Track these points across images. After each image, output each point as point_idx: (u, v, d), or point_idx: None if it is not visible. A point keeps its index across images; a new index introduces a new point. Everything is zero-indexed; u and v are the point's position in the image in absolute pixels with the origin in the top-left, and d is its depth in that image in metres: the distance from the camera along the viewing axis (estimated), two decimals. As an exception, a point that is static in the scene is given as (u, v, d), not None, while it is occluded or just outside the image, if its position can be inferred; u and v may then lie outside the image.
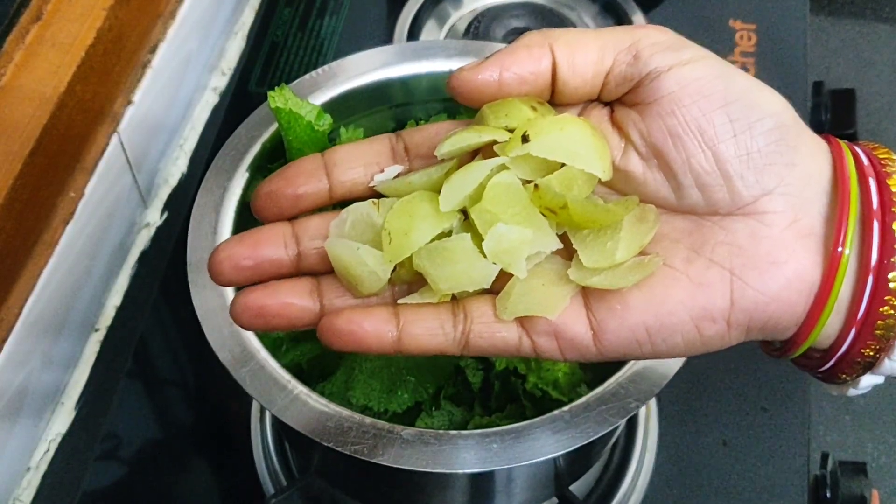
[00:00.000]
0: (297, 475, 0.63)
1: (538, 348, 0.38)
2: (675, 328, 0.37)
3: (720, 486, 0.65)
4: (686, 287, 0.36)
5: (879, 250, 0.35)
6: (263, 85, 0.84)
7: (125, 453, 0.67)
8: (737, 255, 0.36)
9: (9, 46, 0.64)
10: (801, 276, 0.36)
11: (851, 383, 0.39)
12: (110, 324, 0.73)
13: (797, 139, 0.37)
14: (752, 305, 0.36)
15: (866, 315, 0.36)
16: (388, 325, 0.37)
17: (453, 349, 0.38)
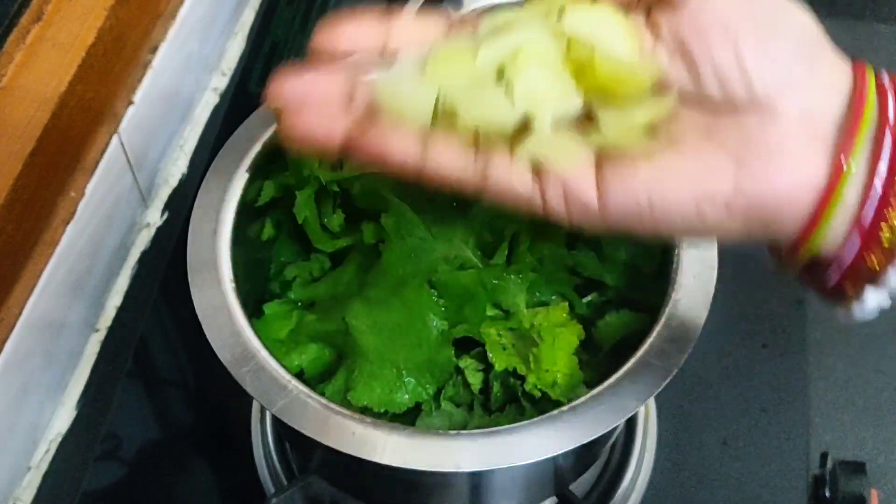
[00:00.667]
0: (297, 475, 0.64)
1: (547, 202, 0.39)
2: (676, 203, 0.37)
3: (719, 486, 0.65)
4: (693, 166, 0.37)
5: (891, 159, 0.36)
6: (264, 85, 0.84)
7: (125, 453, 0.67)
8: (745, 145, 0.37)
9: (9, 46, 0.64)
10: (805, 174, 0.37)
11: (857, 302, 0.39)
12: (110, 324, 0.73)
13: (820, 51, 0.38)
14: (753, 194, 0.37)
15: (872, 222, 0.36)
16: (415, 146, 0.38)
17: (470, 184, 0.39)
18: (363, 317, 0.52)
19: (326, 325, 0.54)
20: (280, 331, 0.54)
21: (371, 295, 0.53)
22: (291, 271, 0.58)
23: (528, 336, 0.53)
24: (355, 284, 0.55)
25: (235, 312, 0.49)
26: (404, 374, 0.51)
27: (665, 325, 0.48)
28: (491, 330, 0.53)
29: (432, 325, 0.52)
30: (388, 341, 0.52)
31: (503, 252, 0.54)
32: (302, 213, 0.55)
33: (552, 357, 0.51)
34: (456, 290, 0.52)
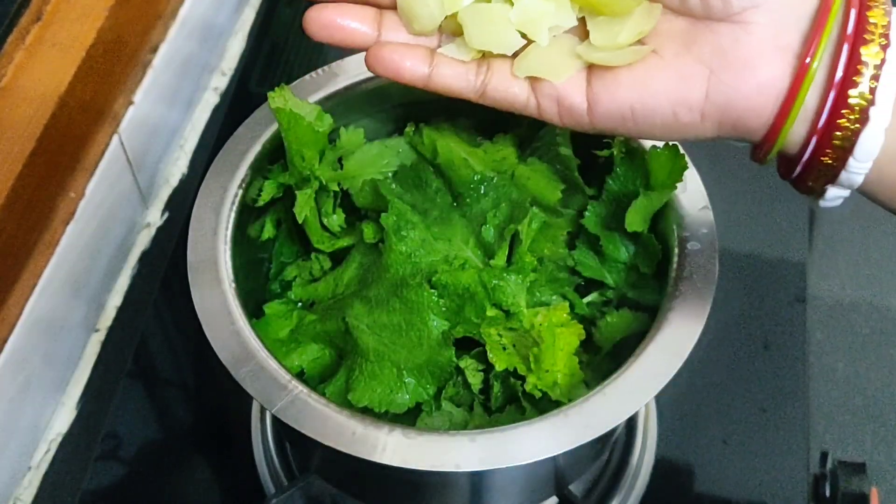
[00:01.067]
0: (297, 475, 0.64)
1: (541, 108, 0.44)
2: (655, 109, 0.42)
3: (720, 486, 0.65)
4: (670, 76, 0.42)
5: (845, 69, 0.40)
6: (264, 85, 0.84)
7: (126, 453, 0.67)
8: (718, 55, 0.41)
9: (9, 47, 0.64)
10: (772, 82, 0.41)
11: (821, 194, 0.43)
12: (111, 324, 0.73)
13: None
14: (723, 101, 0.41)
15: (826, 125, 0.40)
16: (424, 62, 0.44)
17: (472, 94, 0.45)
18: (363, 317, 0.52)
19: (327, 325, 0.54)
20: (280, 331, 0.54)
21: (371, 295, 0.53)
22: (291, 271, 0.58)
23: (529, 336, 0.53)
24: (355, 284, 0.55)
25: (235, 312, 0.49)
26: (405, 375, 0.51)
27: (665, 325, 0.48)
28: (491, 330, 0.53)
29: (433, 326, 0.52)
30: (388, 341, 0.52)
31: (504, 252, 0.54)
32: (302, 213, 0.55)
33: (552, 357, 0.51)
34: (456, 290, 0.52)
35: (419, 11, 0.44)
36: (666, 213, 0.52)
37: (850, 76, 0.40)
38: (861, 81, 0.40)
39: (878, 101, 0.40)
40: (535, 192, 0.55)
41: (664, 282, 0.50)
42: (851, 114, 0.40)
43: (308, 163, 0.53)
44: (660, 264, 0.52)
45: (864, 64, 0.40)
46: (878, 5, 0.41)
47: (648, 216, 0.53)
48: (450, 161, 0.56)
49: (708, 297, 0.49)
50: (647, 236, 0.53)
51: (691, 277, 0.50)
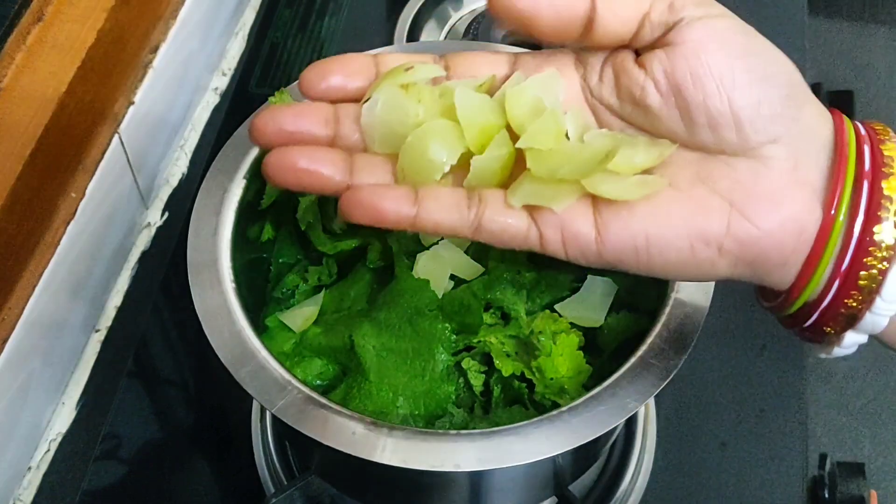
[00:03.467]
0: (297, 474, 0.64)
1: (544, 239, 0.40)
2: (672, 242, 0.39)
3: (718, 487, 0.65)
4: (688, 207, 0.39)
5: (867, 206, 0.38)
6: (264, 85, 0.84)
7: (126, 453, 0.67)
8: (738, 189, 0.39)
9: (10, 48, 0.64)
10: (795, 218, 0.39)
11: (836, 341, 0.41)
12: (111, 324, 0.73)
13: (804, 98, 0.40)
14: (745, 236, 0.39)
15: (851, 266, 0.38)
16: (407, 202, 0.40)
17: (466, 231, 0.40)
18: (371, 337, 0.52)
19: (332, 340, 0.54)
20: (284, 343, 0.54)
21: (382, 317, 0.53)
22: (293, 279, 0.58)
23: (530, 343, 0.53)
24: (363, 301, 0.55)
25: (236, 312, 0.49)
26: (399, 399, 0.51)
27: (665, 326, 0.48)
28: (492, 338, 0.53)
29: (439, 359, 0.52)
30: (391, 366, 0.52)
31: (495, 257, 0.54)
32: (305, 220, 0.55)
33: (554, 366, 0.51)
34: (453, 306, 0.53)
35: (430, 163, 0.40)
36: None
37: (874, 212, 0.38)
38: (886, 217, 0.38)
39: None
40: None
41: (663, 286, 0.50)
42: (878, 251, 0.38)
43: None
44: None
45: (886, 198, 0.38)
46: (889, 139, 0.40)
47: None
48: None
49: (706, 298, 0.49)
50: None
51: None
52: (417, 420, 0.52)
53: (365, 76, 0.43)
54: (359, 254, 0.57)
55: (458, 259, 0.54)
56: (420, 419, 0.52)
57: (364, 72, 0.43)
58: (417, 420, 0.52)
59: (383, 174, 0.41)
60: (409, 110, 0.41)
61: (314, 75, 0.42)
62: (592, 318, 0.54)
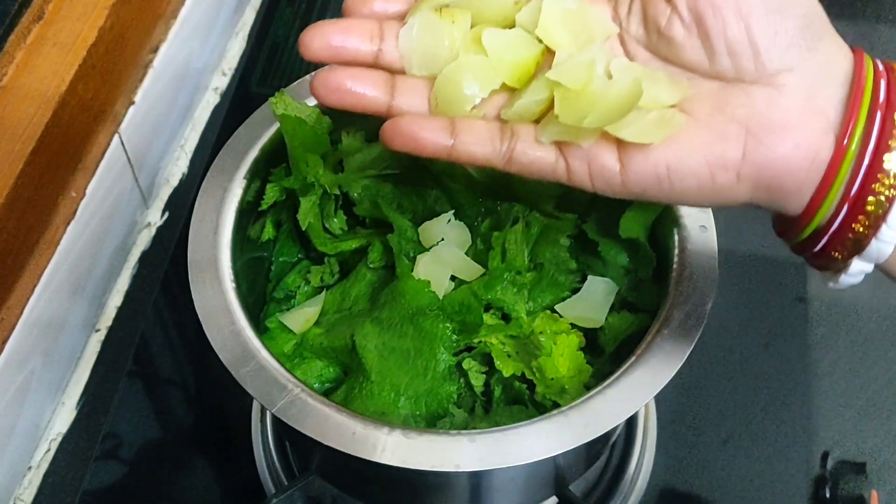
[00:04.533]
0: (297, 474, 0.64)
1: (571, 171, 0.42)
2: (692, 170, 0.40)
3: (720, 486, 0.65)
4: (706, 136, 0.40)
5: (878, 135, 0.39)
6: (264, 85, 0.84)
7: (126, 453, 0.67)
8: (754, 116, 0.40)
9: (10, 46, 0.64)
10: (808, 144, 0.40)
11: (844, 268, 0.42)
12: (111, 324, 0.73)
13: (823, 31, 0.41)
14: (761, 161, 0.40)
15: (859, 191, 0.39)
16: (444, 132, 0.42)
17: (498, 162, 0.42)
18: (372, 337, 0.52)
19: (333, 340, 0.54)
20: (285, 345, 0.54)
21: (384, 317, 0.53)
22: (294, 280, 0.58)
23: (530, 343, 0.53)
24: (365, 301, 0.55)
25: (236, 312, 0.49)
26: (401, 399, 0.51)
27: (665, 326, 0.48)
28: (493, 339, 0.53)
29: (441, 358, 0.52)
30: (393, 366, 0.52)
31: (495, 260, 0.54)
32: (306, 220, 0.55)
33: (554, 367, 0.51)
34: (453, 306, 0.53)
35: (462, 94, 0.42)
36: (665, 217, 0.52)
37: (885, 141, 0.39)
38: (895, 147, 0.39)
39: None
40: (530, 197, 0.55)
41: (664, 284, 0.50)
42: (887, 178, 0.39)
43: (312, 168, 0.53)
44: (659, 267, 0.52)
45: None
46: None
47: (647, 223, 0.52)
48: (444, 169, 0.56)
49: (708, 297, 0.49)
50: (642, 244, 0.53)
51: (691, 278, 0.50)
52: (419, 420, 0.52)
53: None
54: (359, 254, 0.57)
55: (459, 260, 0.54)
56: (421, 419, 0.52)
57: None
58: (419, 420, 0.52)
59: (423, 98, 0.43)
60: (443, 33, 0.43)
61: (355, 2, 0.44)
62: (593, 319, 0.54)
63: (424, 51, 0.43)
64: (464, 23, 0.43)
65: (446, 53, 0.43)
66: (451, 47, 0.43)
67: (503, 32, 0.43)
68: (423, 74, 0.43)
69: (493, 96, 0.43)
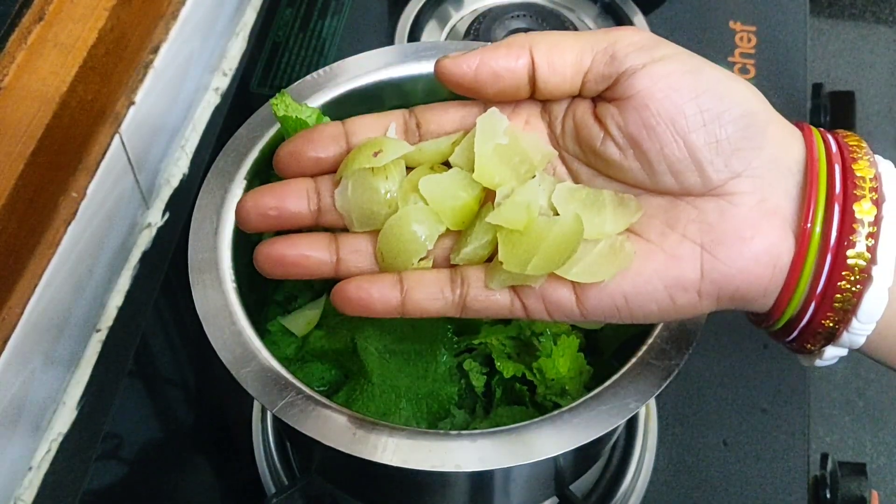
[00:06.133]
0: (298, 475, 0.64)
1: (528, 310, 0.42)
2: (650, 296, 0.40)
3: (720, 487, 0.65)
4: (660, 259, 0.40)
5: (839, 229, 0.38)
6: (265, 86, 0.84)
7: (126, 453, 0.67)
8: (707, 231, 0.39)
9: (11, 47, 0.64)
10: (767, 250, 0.39)
11: (817, 354, 0.42)
12: (112, 324, 0.73)
13: (766, 125, 0.39)
14: (720, 277, 0.39)
15: (825, 288, 0.39)
16: (393, 291, 0.41)
17: (453, 312, 0.42)
18: (374, 340, 0.52)
19: (334, 343, 0.54)
20: (287, 348, 0.54)
21: (384, 320, 0.52)
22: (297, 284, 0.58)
23: (530, 344, 0.53)
24: None
25: (236, 313, 0.49)
26: (402, 401, 0.51)
27: (665, 326, 0.48)
28: (493, 340, 0.53)
29: (441, 360, 0.52)
30: (394, 368, 0.52)
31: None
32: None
33: (555, 367, 0.51)
34: None
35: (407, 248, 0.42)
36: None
37: (846, 236, 0.38)
38: (858, 241, 0.38)
39: (879, 260, 0.38)
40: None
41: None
42: (851, 275, 0.38)
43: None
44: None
45: (858, 222, 0.38)
46: (861, 156, 0.39)
47: None
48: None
49: (708, 297, 0.49)
50: None
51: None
52: (420, 421, 0.52)
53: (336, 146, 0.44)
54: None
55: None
56: (423, 420, 0.52)
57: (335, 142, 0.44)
58: (420, 421, 0.52)
59: (368, 253, 0.43)
60: (380, 190, 0.42)
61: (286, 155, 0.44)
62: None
63: (363, 210, 0.42)
64: (398, 174, 0.43)
65: (385, 209, 0.42)
66: (388, 202, 0.42)
67: (440, 178, 0.42)
68: (365, 231, 0.43)
69: (440, 239, 0.43)
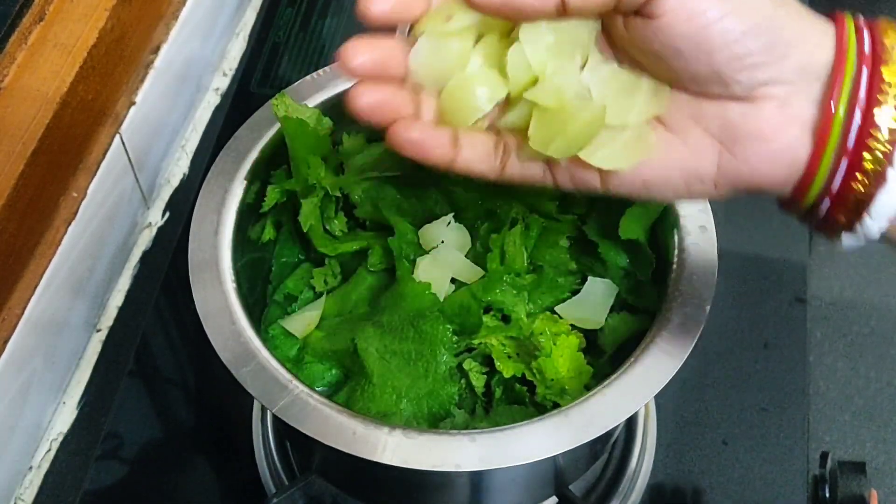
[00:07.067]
0: (298, 474, 0.64)
1: (557, 181, 0.44)
2: (667, 183, 0.43)
3: (719, 486, 0.65)
4: (681, 151, 0.42)
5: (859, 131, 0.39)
6: (265, 86, 0.84)
7: (127, 452, 0.67)
8: (727, 130, 0.41)
9: (11, 47, 0.64)
10: (784, 152, 0.40)
11: (851, 231, 0.42)
12: (112, 324, 0.73)
13: (792, 36, 0.40)
14: (735, 173, 0.41)
15: (841, 188, 0.40)
16: (449, 145, 0.44)
17: (492, 176, 0.44)
18: (374, 341, 0.52)
19: (334, 344, 0.54)
20: (289, 349, 0.55)
21: (384, 320, 0.53)
22: (297, 285, 0.58)
23: (530, 344, 0.53)
24: (365, 305, 0.55)
25: (236, 312, 0.49)
26: (402, 401, 0.51)
27: (665, 326, 0.48)
28: (493, 340, 0.53)
29: (441, 360, 0.52)
30: (394, 368, 0.52)
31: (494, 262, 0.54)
32: (307, 222, 0.55)
33: (554, 367, 0.51)
34: (453, 308, 0.53)
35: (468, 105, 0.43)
36: (665, 218, 0.52)
37: (864, 139, 0.39)
38: (876, 146, 0.39)
39: (895, 162, 0.39)
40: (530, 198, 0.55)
41: (663, 286, 0.50)
42: (866, 177, 0.39)
43: (313, 170, 0.53)
44: (659, 268, 0.52)
45: (877, 127, 0.39)
46: (893, 61, 0.39)
47: (647, 224, 0.53)
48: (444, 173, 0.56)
49: (708, 297, 0.49)
50: (641, 245, 0.53)
51: (691, 278, 0.50)
52: (421, 421, 0.52)
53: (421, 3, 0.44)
54: (360, 256, 0.57)
55: (459, 262, 0.54)
56: (424, 420, 0.52)
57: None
58: (421, 421, 0.52)
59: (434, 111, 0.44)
60: (451, 51, 0.43)
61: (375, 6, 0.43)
62: (593, 320, 0.54)
63: (433, 68, 0.43)
64: (469, 38, 0.44)
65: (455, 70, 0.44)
66: (458, 63, 0.44)
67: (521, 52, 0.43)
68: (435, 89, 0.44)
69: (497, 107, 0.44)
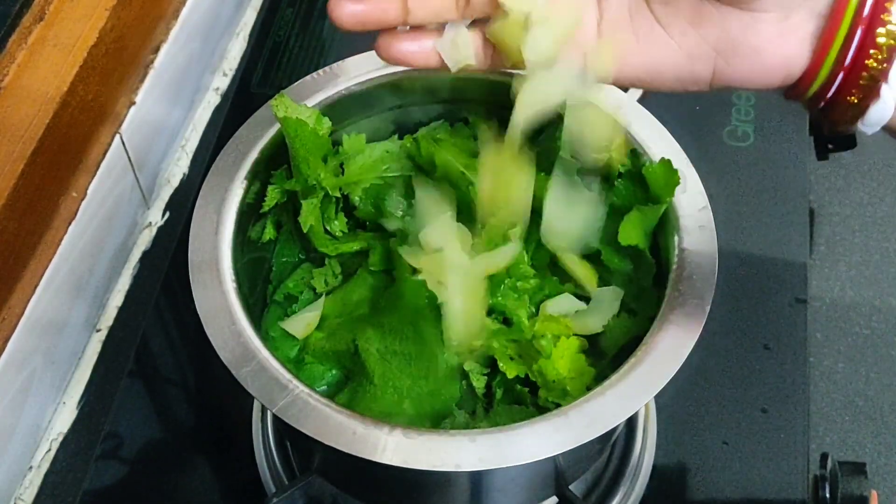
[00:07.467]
0: (298, 474, 0.64)
1: None
2: (663, 82, 0.44)
3: (720, 486, 0.65)
4: (677, 55, 0.43)
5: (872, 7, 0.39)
6: (265, 86, 0.84)
7: (127, 453, 0.67)
8: (725, 41, 0.42)
9: (11, 47, 0.64)
10: (780, 64, 0.41)
11: (861, 115, 0.42)
12: (112, 323, 0.73)
13: None
14: (729, 80, 0.43)
15: (852, 65, 0.40)
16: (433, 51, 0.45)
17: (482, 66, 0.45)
18: (375, 341, 0.52)
19: (335, 345, 0.54)
20: (290, 350, 0.55)
21: (385, 321, 0.53)
22: (297, 286, 0.58)
23: (532, 346, 0.53)
24: (365, 306, 0.55)
25: (236, 312, 0.49)
26: (404, 402, 0.51)
27: (665, 326, 0.48)
28: (494, 342, 0.53)
29: (441, 359, 0.52)
30: (396, 369, 0.52)
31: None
32: (307, 222, 0.55)
33: (555, 369, 0.51)
34: None
35: None
36: (665, 220, 0.52)
37: (878, 14, 0.39)
38: (890, 19, 0.39)
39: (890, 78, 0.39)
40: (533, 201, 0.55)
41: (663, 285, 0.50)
42: (879, 53, 0.39)
43: (313, 170, 0.53)
44: (659, 269, 0.52)
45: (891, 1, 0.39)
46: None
47: (647, 230, 0.52)
48: (446, 174, 0.56)
49: (707, 297, 0.49)
50: (642, 251, 0.53)
51: (691, 278, 0.50)
52: (423, 421, 0.52)
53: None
54: (360, 257, 0.57)
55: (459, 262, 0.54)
56: (425, 420, 0.52)
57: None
58: (423, 421, 0.52)
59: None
60: None
61: None
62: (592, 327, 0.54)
63: None
64: None
65: None
66: None
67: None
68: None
69: None
